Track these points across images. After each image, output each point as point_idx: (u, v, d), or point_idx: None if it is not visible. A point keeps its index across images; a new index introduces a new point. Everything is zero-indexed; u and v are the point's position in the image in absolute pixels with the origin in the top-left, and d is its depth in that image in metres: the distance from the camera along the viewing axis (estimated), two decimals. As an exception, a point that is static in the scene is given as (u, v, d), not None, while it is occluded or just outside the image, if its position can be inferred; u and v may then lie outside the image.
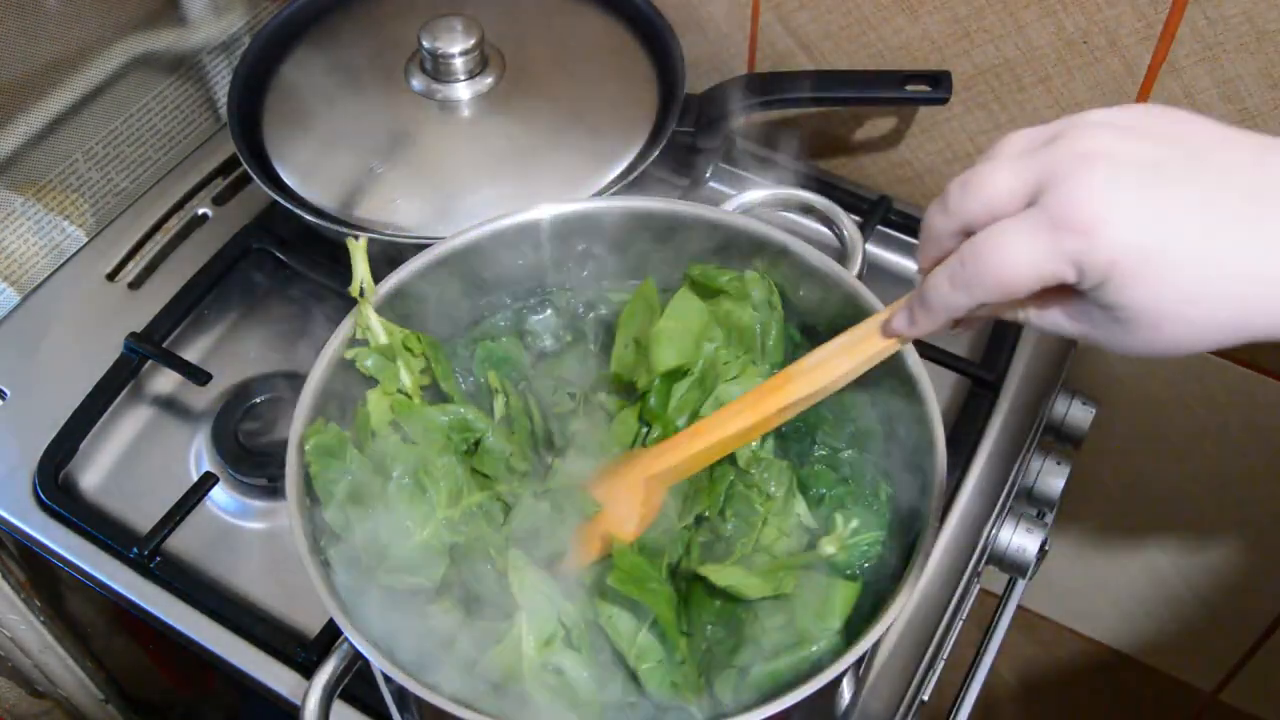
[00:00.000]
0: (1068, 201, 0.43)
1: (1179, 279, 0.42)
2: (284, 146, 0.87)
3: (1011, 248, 0.44)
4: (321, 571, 0.56)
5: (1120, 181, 0.42)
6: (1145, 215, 0.42)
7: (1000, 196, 0.45)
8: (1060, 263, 0.43)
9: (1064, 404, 0.93)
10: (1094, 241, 0.42)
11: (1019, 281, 0.44)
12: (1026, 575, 0.86)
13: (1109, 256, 0.42)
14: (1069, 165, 0.43)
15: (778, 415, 0.55)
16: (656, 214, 0.68)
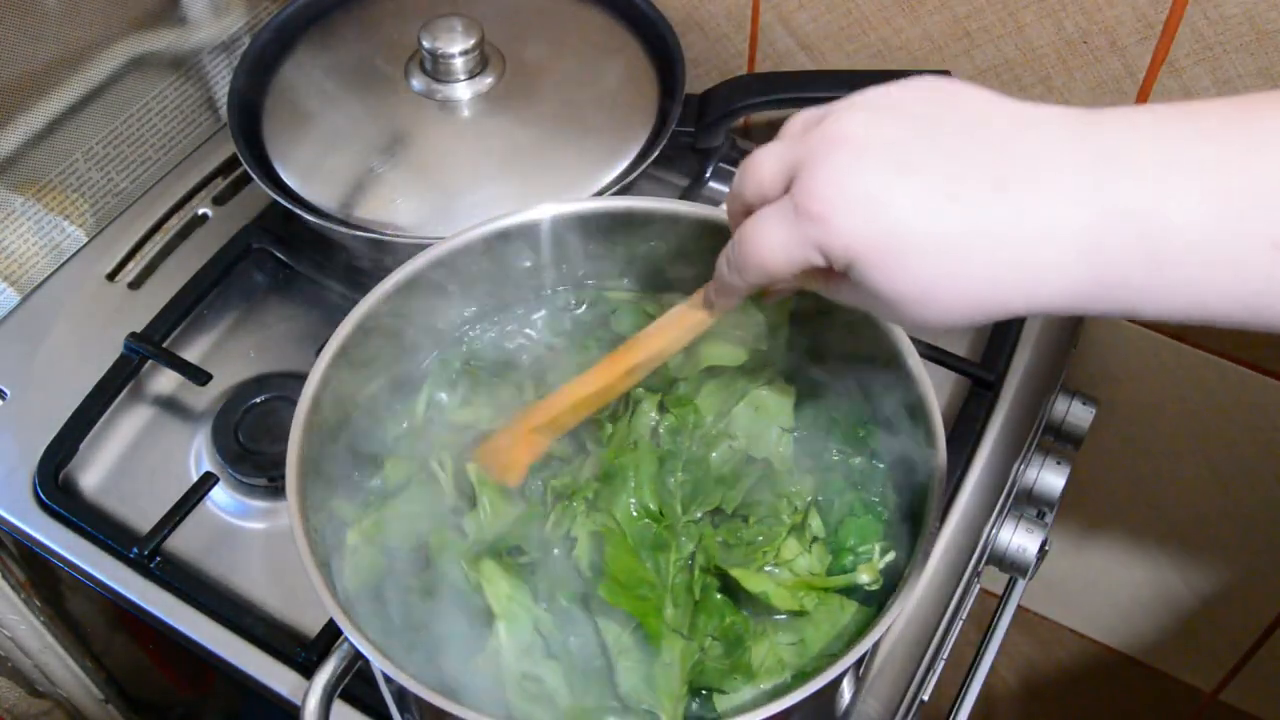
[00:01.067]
0: (807, 190, 0.44)
1: (919, 263, 0.43)
2: (284, 146, 0.87)
3: (766, 235, 0.46)
4: (321, 572, 0.56)
5: (860, 168, 0.43)
6: (881, 202, 0.42)
7: (766, 181, 0.47)
8: (806, 249, 0.44)
9: (1064, 404, 0.93)
10: (828, 230, 0.43)
11: (777, 267, 0.46)
12: (1026, 575, 0.86)
13: (845, 244, 0.43)
14: (817, 151, 0.44)
15: (625, 377, 0.58)
16: (657, 214, 0.68)
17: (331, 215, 0.83)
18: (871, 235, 0.43)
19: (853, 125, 0.44)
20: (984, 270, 0.42)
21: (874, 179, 0.43)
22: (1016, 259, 0.42)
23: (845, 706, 0.70)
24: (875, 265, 0.43)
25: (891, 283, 0.43)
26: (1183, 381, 1.00)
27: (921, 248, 0.42)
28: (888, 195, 0.42)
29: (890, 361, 0.62)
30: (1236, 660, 1.24)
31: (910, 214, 0.42)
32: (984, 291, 0.43)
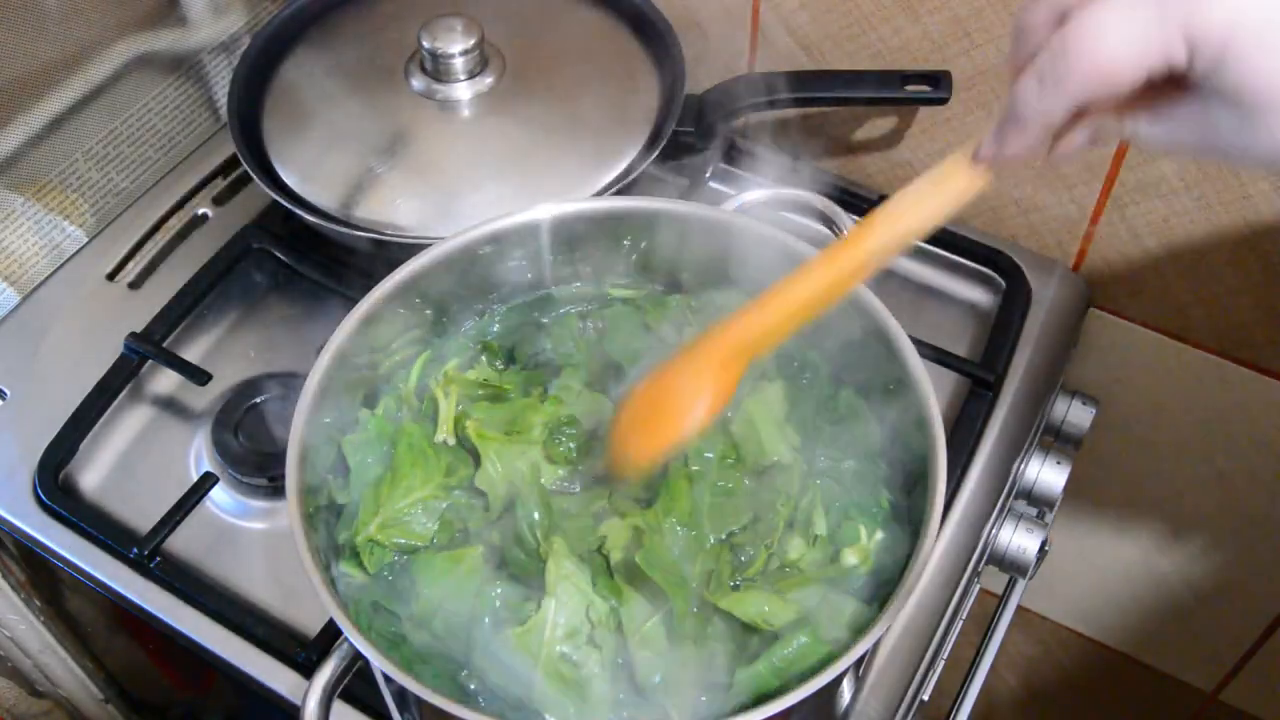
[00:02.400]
0: None
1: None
2: (284, 146, 0.87)
3: (1111, 27, 0.37)
4: (321, 572, 0.56)
5: None
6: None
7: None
8: (1168, 39, 0.37)
9: (1064, 404, 0.93)
10: (1204, 7, 0.36)
11: (1121, 68, 0.38)
12: (1026, 575, 0.86)
13: (1224, 24, 0.36)
14: None
15: (860, 269, 0.48)
16: (656, 214, 0.68)
17: (331, 215, 0.83)
18: (1257, 15, 0.36)
19: None
20: None
21: None
22: None
23: (845, 706, 0.71)
24: (1261, 47, 0.36)
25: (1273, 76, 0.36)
26: (1183, 381, 1.00)
27: None
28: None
29: (890, 361, 0.62)
30: (1236, 660, 1.24)
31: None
32: None
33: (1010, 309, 0.87)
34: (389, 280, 0.65)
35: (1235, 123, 0.38)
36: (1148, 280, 0.93)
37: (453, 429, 0.66)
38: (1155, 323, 0.96)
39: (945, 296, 0.91)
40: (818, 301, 0.49)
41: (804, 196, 0.76)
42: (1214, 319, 0.93)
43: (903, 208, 0.47)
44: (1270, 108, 0.36)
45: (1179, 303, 0.93)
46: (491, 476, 0.63)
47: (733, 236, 0.67)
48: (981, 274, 0.90)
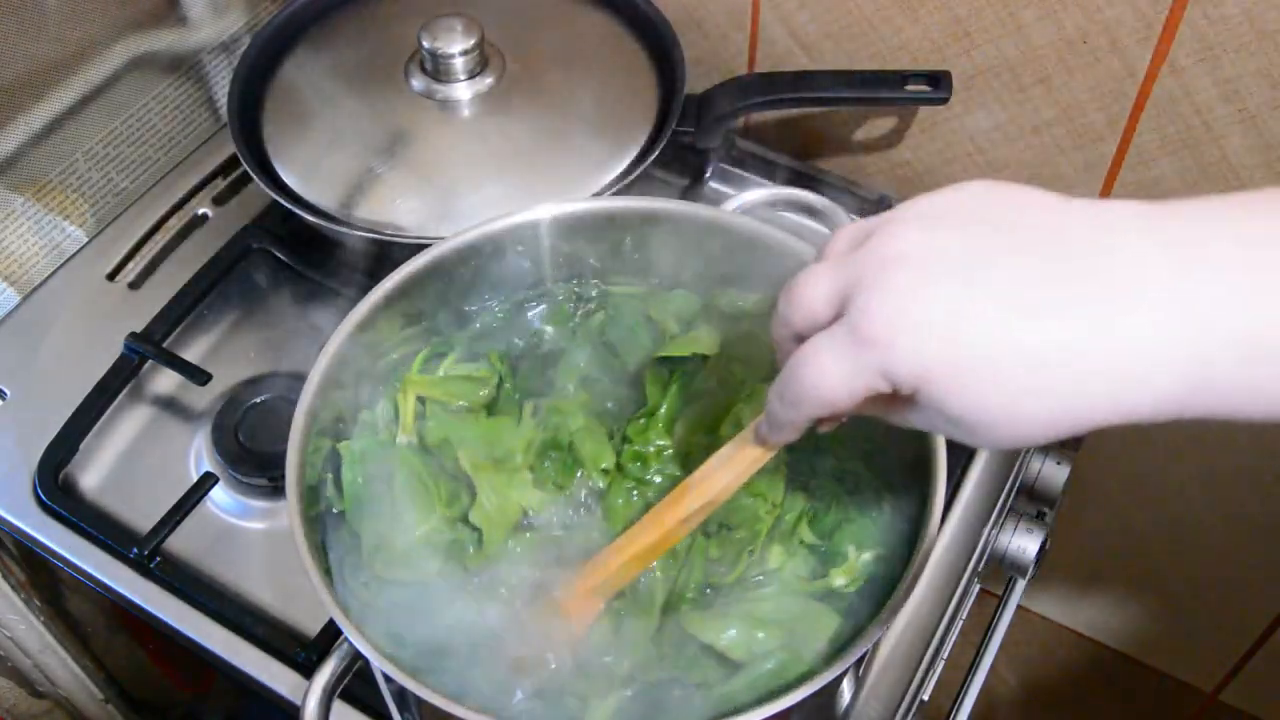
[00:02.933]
0: (865, 314, 0.41)
1: (997, 383, 0.40)
2: (284, 146, 0.87)
3: (823, 365, 0.43)
4: (321, 572, 0.56)
5: (920, 286, 0.40)
6: (946, 320, 0.40)
7: (817, 306, 0.44)
8: (869, 377, 0.41)
9: (1064, 404, 0.93)
10: (893, 355, 0.40)
11: (837, 398, 0.43)
12: (1026, 575, 0.86)
13: (913, 369, 0.40)
14: (872, 271, 0.41)
15: (681, 525, 0.56)
16: (656, 214, 0.68)
17: (331, 215, 0.83)
18: (943, 357, 0.40)
19: (906, 240, 0.42)
20: (1068, 386, 0.39)
21: (940, 297, 0.40)
22: (1101, 374, 0.39)
23: (845, 706, 0.71)
24: (949, 388, 0.40)
25: (967, 405, 0.40)
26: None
27: (999, 367, 0.39)
28: (957, 314, 0.40)
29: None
30: (1236, 660, 1.24)
31: (984, 332, 0.39)
32: (1067, 408, 0.40)
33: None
34: (389, 280, 0.65)
35: (949, 426, 0.42)
36: (1148, 280, 0.93)
37: (412, 429, 0.66)
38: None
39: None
40: (653, 550, 0.57)
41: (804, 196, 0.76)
42: (1214, 319, 0.93)
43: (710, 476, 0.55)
44: (968, 424, 0.41)
45: (1179, 303, 0.93)
46: (487, 511, 0.63)
47: (733, 236, 0.67)
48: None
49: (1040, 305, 0.40)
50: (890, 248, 0.42)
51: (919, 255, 0.41)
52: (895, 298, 0.41)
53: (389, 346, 0.67)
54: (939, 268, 0.41)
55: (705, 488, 0.55)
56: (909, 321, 0.40)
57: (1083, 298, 0.39)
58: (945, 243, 0.41)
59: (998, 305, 0.40)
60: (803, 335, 0.45)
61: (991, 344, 0.40)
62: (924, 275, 0.41)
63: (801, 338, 0.45)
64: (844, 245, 0.45)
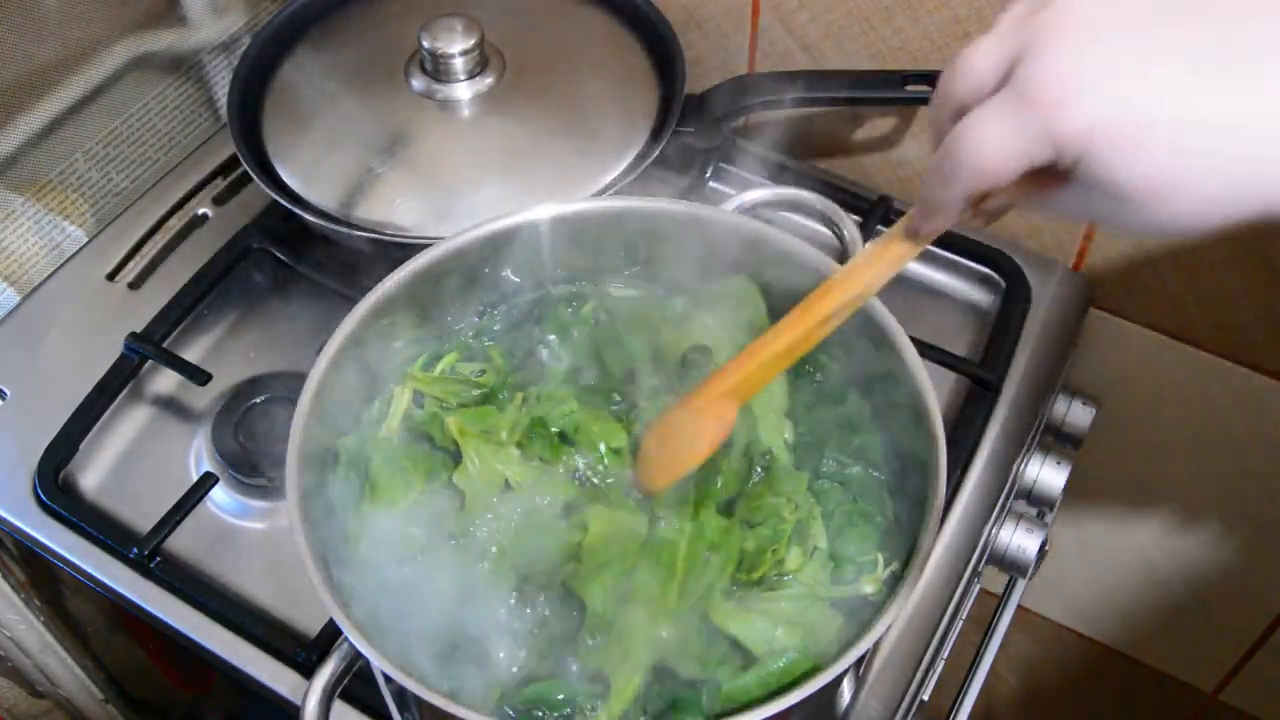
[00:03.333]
0: (1034, 76, 0.40)
1: (1163, 150, 0.39)
2: (284, 146, 0.87)
3: (985, 132, 0.42)
4: (321, 571, 0.56)
5: (1091, 48, 0.40)
6: (1118, 83, 0.39)
7: (982, 75, 0.43)
8: (1033, 142, 0.41)
9: (1064, 404, 0.93)
10: (1063, 115, 0.40)
11: (998, 167, 0.42)
12: (1026, 575, 0.86)
13: (1080, 130, 0.40)
14: (1041, 37, 0.41)
15: (820, 327, 0.54)
16: (656, 214, 0.68)
17: (331, 215, 0.83)
18: (1112, 119, 0.39)
19: (1084, 6, 0.40)
20: (1237, 159, 0.39)
21: (1112, 60, 0.39)
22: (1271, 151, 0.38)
23: (845, 706, 0.71)
24: (1115, 153, 0.39)
25: (1131, 173, 0.39)
26: (1183, 381, 1.00)
27: (1167, 133, 0.39)
28: (1128, 77, 0.39)
29: (890, 362, 0.62)
30: (1236, 660, 1.24)
31: (1154, 97, 0.39)
32: (1235, 182, 0.39)
33: (1010, 309, 0.87)
34: (389, 280, 0.65)
35: (1107, 204, 0.41)
36: (1148, 280, 0.93)
37: (399, 425, 0.66)
38: (1155, 323, 0.96)
39: (945, 296, 0.91)
40: (791, 352, 0.56)
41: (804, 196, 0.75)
42: (1214, 319, 0.93)
43: (852, 272, 0.54)
44: (1133, 196, 0.40)
45: (1179, 303, 0.93)
46: (470, 474, 0.63)
47: (733, 236, 0.67)
48: (981, 274, 0.90)
49: (1222, 71, 0.38)
50: (1064, 14, 0.41)
51: (1094, 19, 0.40)
52: (1069, 57, 0.40)
53: (389, 347, 0.67)
54: (1115, 30, 0.40)
55: (849, 283, 0.53)
56: (1079, 81, 0.39)
57: (1260, 69, 0.38)
58: (1121, 9, 0.40)
59: (1176, 68, 0.39)
60: (965, 109, 0.44)
61: (1159, 110, 0.39)
62: (1099, 36, 0.40)
63: (957, 118, 0.44)
64: (1022, 10, 0.43)
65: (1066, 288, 0.91)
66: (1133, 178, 0.40)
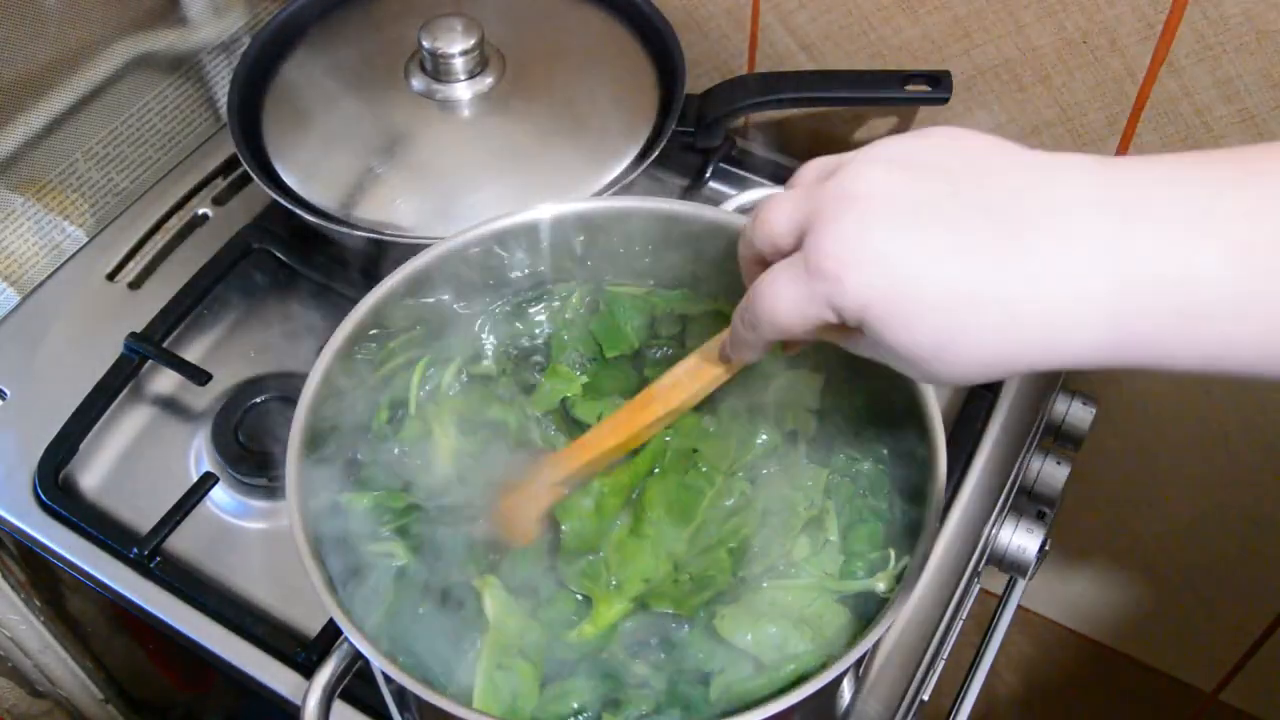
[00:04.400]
0: (819, 247, 0.44)
1: (932, 320, 0.42)
2: (284, 146, 0.87)
3: (779, 292, 0.46)
4: (321, 571, 0.56)
5: (871, 226, 0.43)
6: (891, 260, 0.42)
7: (779, 233, 0.47)
8: (819, 306, 0.44)
9: (1064, 404, 0.93)
10: (841, 288, 0.43)
11: (791, 323, 0.46)
12: (1026, 575, 0.86)
13: (856, 302, 0.43)
14: (829, 207, 0.44)
15: (645, 430, 0.59)
16: (656, 214, 0.68)
17: (331, 215, 0.83)
18: (883, 293, 0.42)
19: (866, 181, 0.44)
20: (1000, 328, 0.42)
21: (885, 236, 0.42)
22: (1034, 317, 0.41)
23: (845, 706, 0.70)
24: (888, 323, 0.43)
25: (904, 340, 0.43)
26: (1183, 381, 1.00)
27: (934, 305, 0.42)
28: (899, 253, 0.42)
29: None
30: (1236, 660, 1.24)
31: (921, 271, 0.42)
32: (1000, 348, 0.42)
33: (1010, 309, 0.87)
34: (389, 280, 0.65)
35: (892, 358, 0.45)
36: (1148, 280, 0.93)
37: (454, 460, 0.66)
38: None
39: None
40: (619, 450, 0.60)
41: (804, 196, 0.75)
42: (1214, 319, 0.93)
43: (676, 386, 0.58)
44: (909, 357, 0.44)
45: (1179, 303, 0.93)
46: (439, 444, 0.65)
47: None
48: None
49: (980, 249, 0.42)
50: (850, 186, 0.44)
51: (875, 195, 0.43)
52: (846, 233, 0.43)
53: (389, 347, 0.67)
54: (891, 210, 0.43)
55: (670, 398, 0.58)
56: (856, 258, 0.43)
57: (1022, 244, 0.41)
58: (900, 184, 0.44)
59: (939, 248, 0.42)
60: (766, 259, 0.48)
61: (930, 284, 0.42)
62: (876, 216, 0.43)
63: (765, 262, 0.48)
64: (812, 176, 0.48)
65: (1066, 288, 0.91)
66: (907, 344, 0.43)
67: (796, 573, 0.61)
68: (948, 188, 0.43)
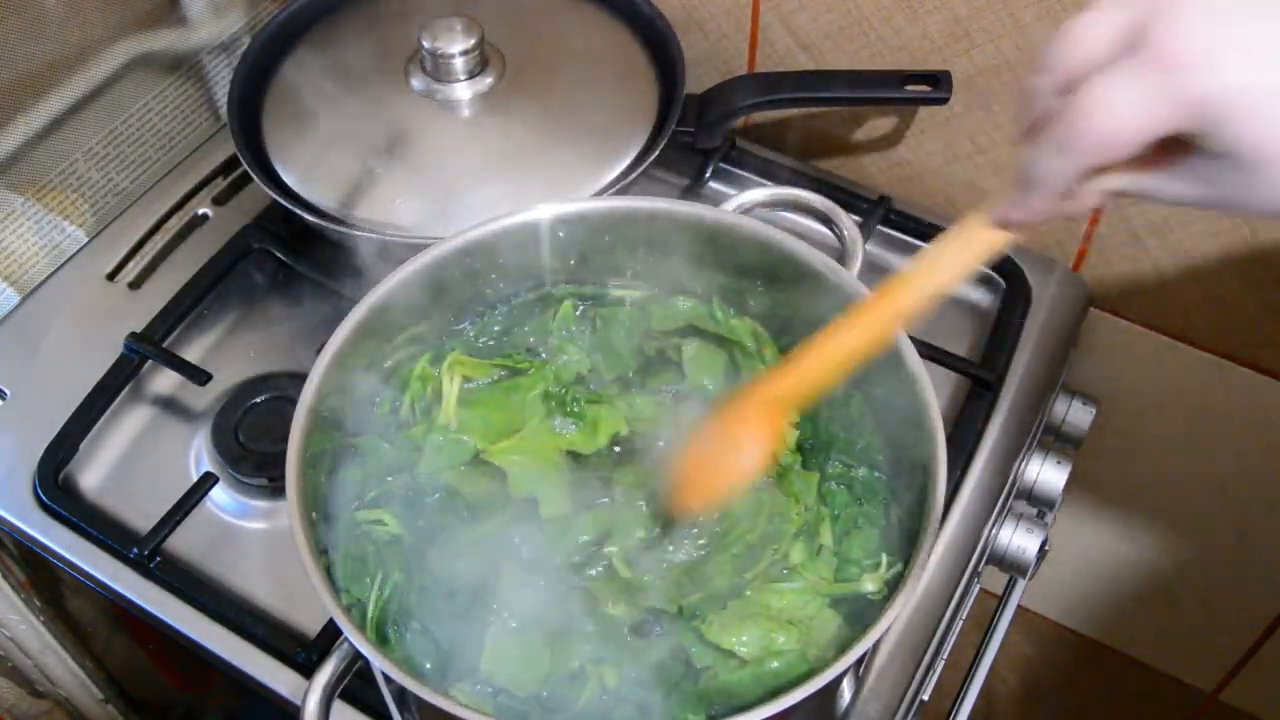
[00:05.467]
0: (1170, 39, 0.39)
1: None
2: (284, 146, 0.87)
3: (1117, 97, 0.41)
4: (321, 571, 0.56)
5: (1221, 15, 0.39)
6: (1256, 45, 0.39)
7: (1100, 44, 0.42)
8: (1167, 108, 0.40)
9: (1064, 404, 0.93)
10: (1198, 79, 0.39)
11: (1126, 135, 0.41)
12: (1026, 575, 0.86)
13: (1215, 93, 0.39)
14: (1165, 4, 0.40)
15: (892, 325, 0.52)
16: (656, 214, 0.68)
17: (331, 215, 0.83)
18: (1248, 84, 0.38)
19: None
20: None
21: (1244, 25, 0.39)
22: None
23: (845, 706, 0.71)
24: (1257, 113, 0.39)
25: (1265, 139, 0.39)
26: (1183, 381, 1.00)
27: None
28: (1263, 43, 0.39)
29: (890, 362, 0.62)
30: (1236, 660, 1.24)
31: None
32: None
33: (1010, 309, 0.87)
34: (389, 280, 0.65)
35: (1233, 177, 0.40)
36: (1148, 280, 0.93)
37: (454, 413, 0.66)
38: (1155, 323, 0.96)
39: (945, 296, 0.91)
40: (854, 357, 0.52)
41: (804, 196, 0.75)
42: (1214, 319, 0.93)
43: (930, 266, 0.50)
44: (1264, 164, 0.39)
45: (1179, 303, 0.93)
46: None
47: (733, 236, 0.67)
48: (981, 274, 0.90)
49: None
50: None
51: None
52: (1202, 22, 0.39)
53: (389, 347, 0.67)
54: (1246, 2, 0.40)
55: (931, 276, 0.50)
56: (1218, 46, 0.39)
57: None
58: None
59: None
60: (1070, 84, 0.43)
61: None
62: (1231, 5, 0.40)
63: (1065, 90, 0.43)
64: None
65: (1066, 288, 0.91)
66: (1267, 144, 0.39)
67: (791, 577, 0.61)
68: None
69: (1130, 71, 0.40)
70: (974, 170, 0.93)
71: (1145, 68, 0.40)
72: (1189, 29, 0.39)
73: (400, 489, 0.65)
